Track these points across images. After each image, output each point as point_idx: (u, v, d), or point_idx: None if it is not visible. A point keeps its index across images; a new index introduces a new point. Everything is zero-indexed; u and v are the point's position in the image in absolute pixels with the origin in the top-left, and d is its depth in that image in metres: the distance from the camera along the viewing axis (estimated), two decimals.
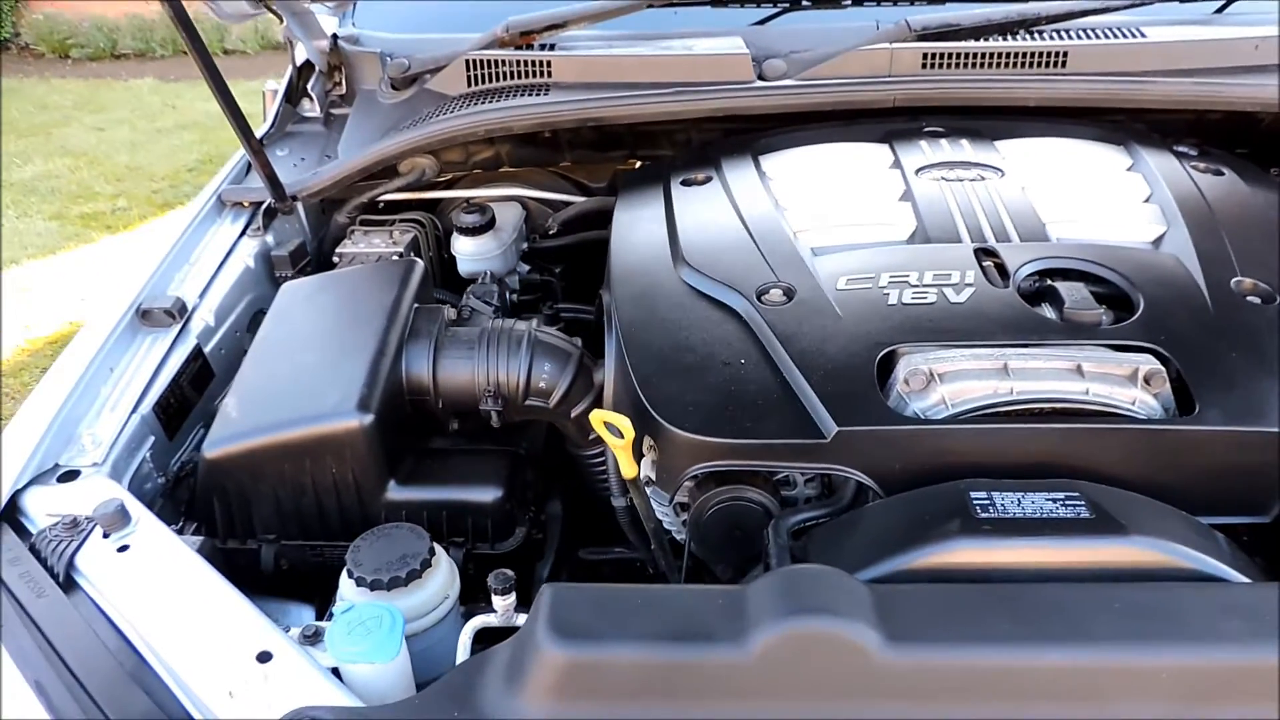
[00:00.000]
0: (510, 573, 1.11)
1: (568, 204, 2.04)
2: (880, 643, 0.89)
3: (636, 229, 1.56)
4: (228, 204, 1.90)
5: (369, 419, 1.28)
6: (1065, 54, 1.75)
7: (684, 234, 1.48)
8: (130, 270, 1.67)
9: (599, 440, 1.47)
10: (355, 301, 1.48)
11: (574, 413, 1.44)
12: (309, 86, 2.09)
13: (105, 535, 1.19)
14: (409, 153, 1.81)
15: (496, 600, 1.11)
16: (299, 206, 1.90)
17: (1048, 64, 1.76)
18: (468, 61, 1.89)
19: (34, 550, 1.18)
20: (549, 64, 1.85)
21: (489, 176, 2.03)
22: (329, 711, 0.94)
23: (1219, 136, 1.82)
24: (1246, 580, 0.99)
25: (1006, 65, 1.77)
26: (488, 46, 1.89)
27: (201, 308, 1.64)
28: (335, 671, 1.05)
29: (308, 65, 2.10)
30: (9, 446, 1.31)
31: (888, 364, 1.21)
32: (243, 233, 1.84)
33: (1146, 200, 1.51)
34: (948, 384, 1.16)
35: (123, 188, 5.48)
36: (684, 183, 1.65)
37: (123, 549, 1.17)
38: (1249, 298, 1.29)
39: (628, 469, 1.22)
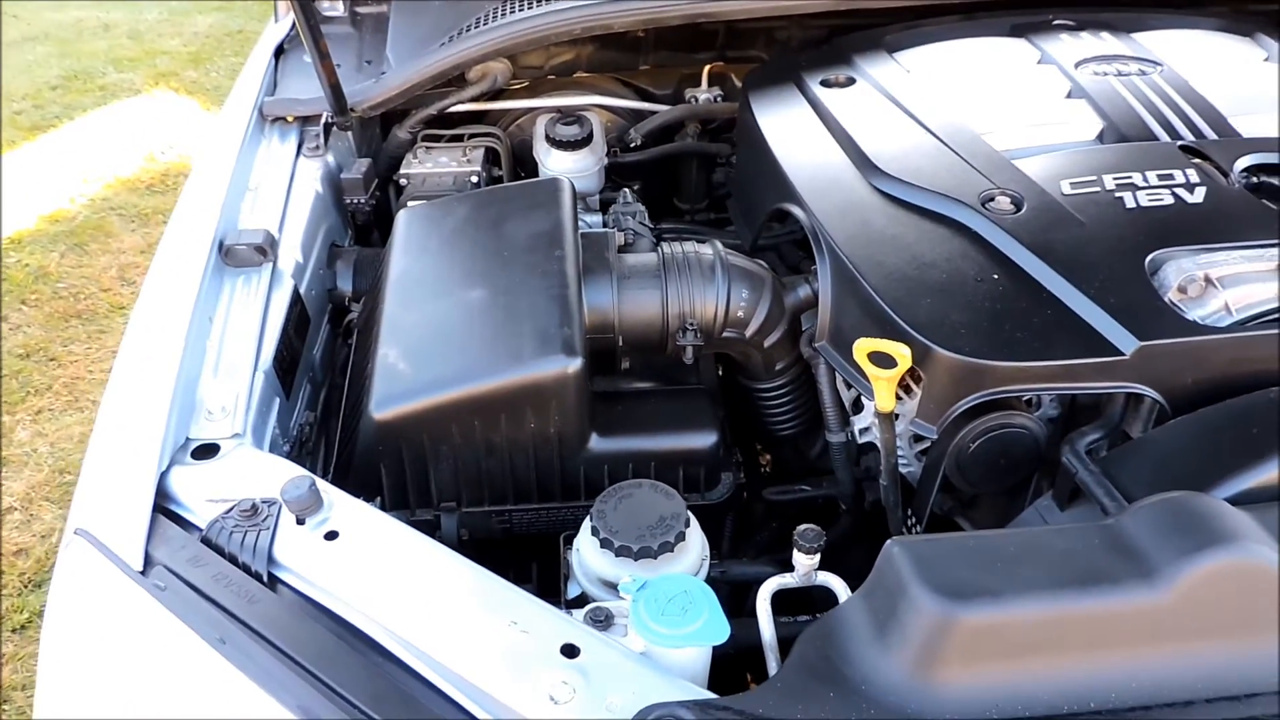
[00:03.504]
0: (819, 529, 0.98)
1: (640, 114, 1.86)
2: None
3: (797, 137, 1.41)
4: (269, 119, 1.61)
5: (578, 363, 1.11)
6: None
7: (862, 141, 1.35)
8: (189, 201, 1.39)
9: (784, 371, 1.36)
10: (508, 228, 1.28)
11: (768, 342, 1.30)
12: None
13: (300, 521, 0.99)
14: (491, 55, 1.58)
15: (801, 559, 0.98)
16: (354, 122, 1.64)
17: None
18: None
19: (210, 544, 0.97)
20: None
21: (555, 84, 1.81)
22: (691, 709, 0.81)
23: None
24: None
25: None
26: None
27: (284, 243, 1.38)
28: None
29: None
30: (135, 421, 1.06)
31: (1149, 271, 1.14)
32: (297, 152, 1.57)
33: None
34: (1229, 289, 1.10)
35: None
36: (824, 84, 1.50)
37: (331, 536, 0.98)
38: None
39: (887, 402, 1.11)
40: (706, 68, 1.89)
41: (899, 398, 1.15)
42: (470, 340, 1.15)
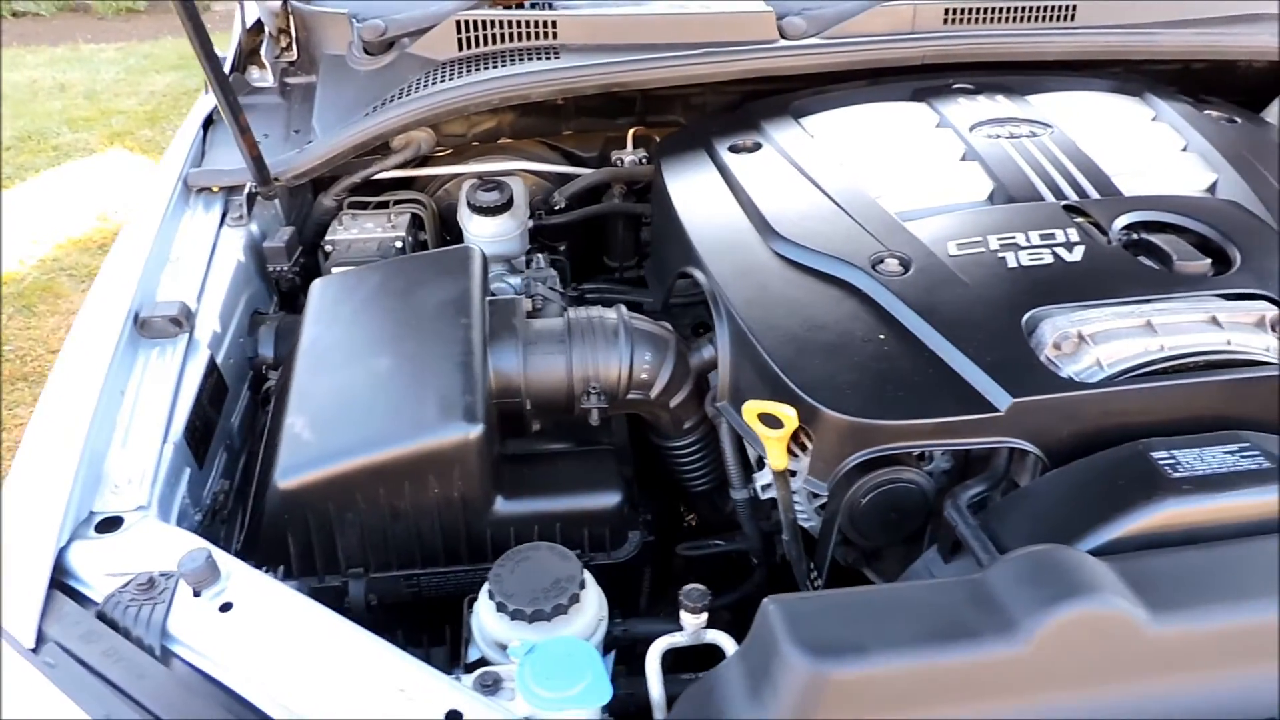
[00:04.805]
0: (703, 588, 1.01)
1: (565, 177, 1.91)
2: (1146, 617, 0.86)
3: (703, 202, 1.46)
4: (193, 189, 1.64)
5: (479, 429, 1.14)
6: (1074, 7, 1.78)
7: (763, 205, 1.40)
8: (108, 273, 1.41)
9: (693, 429, 1.39)
10: (416, 297, 1.31)
11: (673, 402, 1.34)
12: (261, 52, 1.84)
13: (196, 594, 1.00)
14: (412, 125, 1.63)
15: (688, 618, 1.01)
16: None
17: (1058, 17, 1.78)
18: (459, 22, 1.71)
19: (105, 619, 0.98)
20: (554, 24, 1.71)
21: (481, 150, 1.86)
22: None
23: (1200, 84, 1.90)
24: None
25: (1021, 20, 1.77)
26: (476, 5, 1.72)
27: (203, 312, 1.41)
28: None
29: (257, 27, 1.85)
30: (37, 496, 1.08)
31: (1027, 329, 1.19)
32: (221, 222, 1.60)
33: (1184, 150, 1.56)
34: (1100, 345, 1.15)
35: None
36: (732, 149, 1.56)
37: (225, 608, 0.99)
38: None
39: (779, 461, 1.14)
40: (631, 130, 1.94)
41: (795, 455, 1.19)
42: (375, 408, 1.18)
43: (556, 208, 1.83)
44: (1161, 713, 0.87)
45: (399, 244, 1.65)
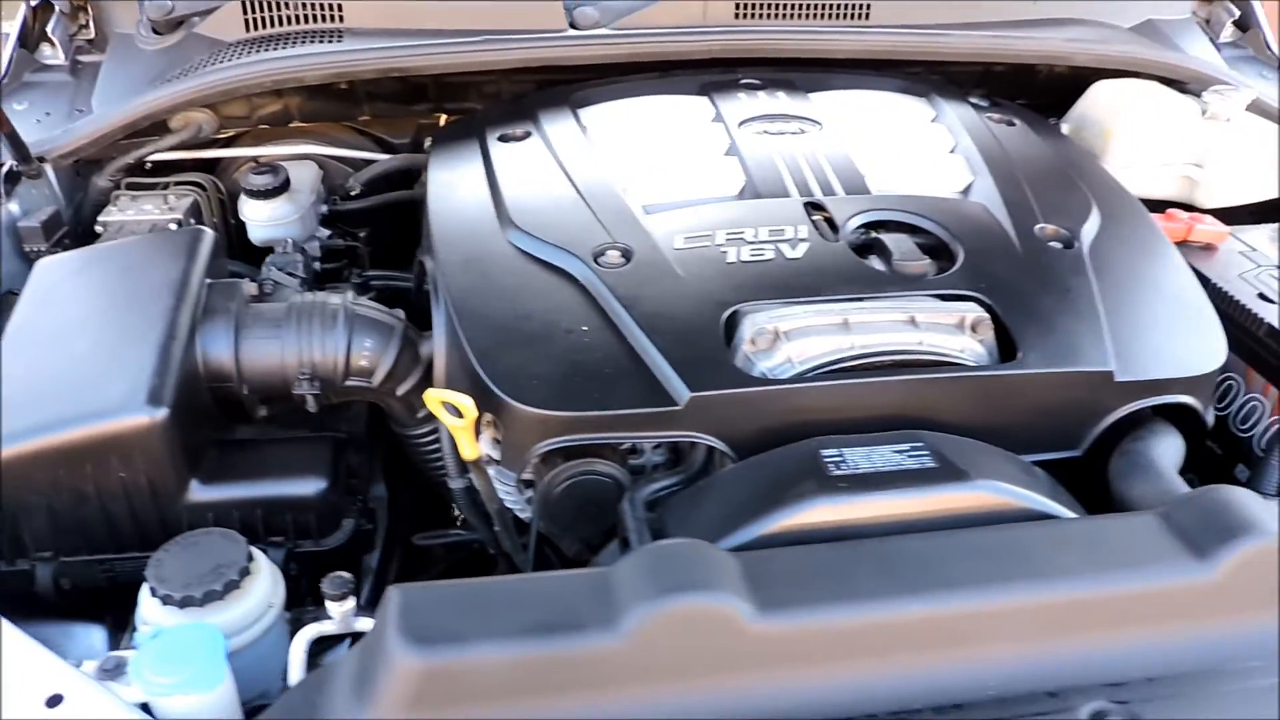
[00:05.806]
0: (347, 575, 1.00)
1: (369, 162, 1.89)
2: (752, 612, 0.86)
3: (455, 190, 1.45)
4: None
5: (162, 413, 1.12)
6: (868, 6, 1.79)
7: (508, 194, 1.39)
8: None
9: (428, 419, 1.38)
10: (134, 278, 1.29)
11: (400, 390, 1.33)
12: (49, 29, 1.79)
13: None
14: (182, 106, 1.60)
15: (332, 606, 1.00)
16: (48, 169, 1.63)
17: (852, 15, 1.79)
18: (245, 3, 1.68)
19: None
20: (340, 7, 1.68)
21: (278, 133, 1.83)
22: None
23: (1003, 88, 1.92)
24: (1071, 515, 1.05)
25: (814, 16, 1.78)
26: None
27: None
28: (145, 707, 0.92)
29: (46, 4, 1.81)
30: None
31: (731, 324, 1.19)
32: None
33: (952, 151, 1.57)
34: (793, 342, 1.15)
35: None
36: (501, 139, 1.55)
37: None
38: (1051, 243, 1.37)
39: (468, 451, 1.14)
40: (443, 117, 1.93)
41: (499, 444, 1.18)
42: (62, 389, 1.16)
43: (352, 193, 1.81)
44: (760, 709, 0.87)
45: (174, 226, 1.62)
